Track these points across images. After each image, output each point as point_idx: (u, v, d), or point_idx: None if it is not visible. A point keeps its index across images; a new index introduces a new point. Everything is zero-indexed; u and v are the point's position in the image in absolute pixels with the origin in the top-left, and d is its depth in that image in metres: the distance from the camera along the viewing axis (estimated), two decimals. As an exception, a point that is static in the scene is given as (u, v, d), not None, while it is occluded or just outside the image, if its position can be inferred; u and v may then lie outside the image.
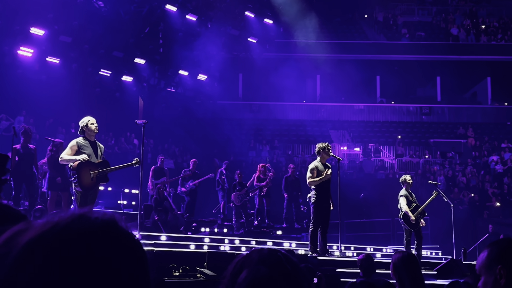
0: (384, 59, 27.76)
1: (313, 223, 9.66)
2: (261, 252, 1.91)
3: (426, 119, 27.63)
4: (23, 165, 11.14)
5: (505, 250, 2.07)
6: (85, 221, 0.82)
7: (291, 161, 21.43)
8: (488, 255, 2.09)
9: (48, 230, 0.79)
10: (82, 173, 7.93)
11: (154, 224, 12.73)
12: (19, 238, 0.80)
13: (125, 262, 0.82)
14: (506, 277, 2.01)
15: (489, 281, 2.07)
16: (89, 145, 8.17)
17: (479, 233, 16.60)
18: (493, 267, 2.05)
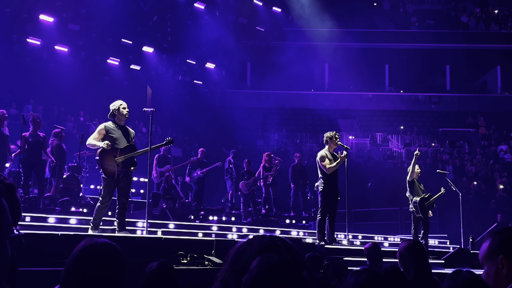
0: (393, 48, 27.57)
1: (321, 211, 9.67)
2: (262, 240, 1.91)
3: (435, 108, 27.47)
4: (32, 153, 11.20)
5: (507, 240, 2.06)
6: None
7: (299, 150, 21.41)
8: (490, 245, 2.09)
9: None
10: (107, 160, 7.69)
11: (162, 212, 12.79)
12: None
13: None
14: (508, 267, 2.01)
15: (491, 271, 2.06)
16: (118, 129, 7.89)
17: (488, 223, 16.54)
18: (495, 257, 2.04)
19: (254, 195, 14.85)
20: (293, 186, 15.63)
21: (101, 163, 7.68)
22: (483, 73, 29.78)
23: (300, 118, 26.03)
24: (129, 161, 7.84)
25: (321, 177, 9.72)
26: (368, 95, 27.69)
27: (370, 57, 26.02)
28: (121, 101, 7.99)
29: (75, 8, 18.17)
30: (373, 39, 27.41)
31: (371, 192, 20.04)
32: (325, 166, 9.61)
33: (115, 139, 7.79)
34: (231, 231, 11.42)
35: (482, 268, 2.17)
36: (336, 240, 9.83)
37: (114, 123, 7.95)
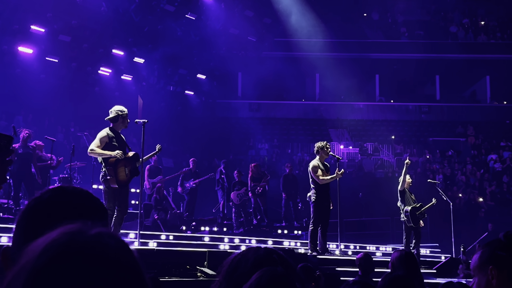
0: (383, 58, 27.75)
1: (313, 222, 9.68)
2: (257, 252, 1.93)
3: (425, 117, 27.64)
4: (22, 164, 11.16)
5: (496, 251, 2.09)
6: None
7: (290, 160, 21.44)
8: (480, 256, 2.12)
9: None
10: (119, 169, 7.50)
11: (154, 223, 12.75)
12: None
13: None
14: (497, 278, 2.03)
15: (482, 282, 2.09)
16: (117, 137, 7.69)
17: (478, 232, 16.62)
18: (485, 268, 2.07)
19: (245, 206, 14.84)
20: (284, 196, 15.63)
21: (115, 171, 7.49)
22: (473, 83, 30.03)
23: (291, 128, 26.11)
24: (134, 171, 7.77)
25: (313, 187, 9.74)
26: (359, 105, 27.82)
27: (360, 67, 26.16)
28: (125, 108, 7.85)
29: (66, 19, 18.16)
30: (364, 49, 27.59)
31: (363, 202, 20.07)
32: (318, 177, 9.63)
33: (118, 148, 7.63)
34: (223, 241, 11.40)
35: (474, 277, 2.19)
36: (328, 250, 9.84)
37: (113, 129, 7.76)
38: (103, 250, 0.77)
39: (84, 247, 0.76)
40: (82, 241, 0.77)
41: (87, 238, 0.77)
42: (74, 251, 0.75)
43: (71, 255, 0.75)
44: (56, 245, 0.76)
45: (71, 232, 0.78)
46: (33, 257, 0.75)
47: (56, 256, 0.75)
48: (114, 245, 0.79)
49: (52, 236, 0.78)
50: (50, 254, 0.75)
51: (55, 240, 0.77)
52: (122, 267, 0.77)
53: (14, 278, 0.76)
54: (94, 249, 0.76)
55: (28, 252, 0.78)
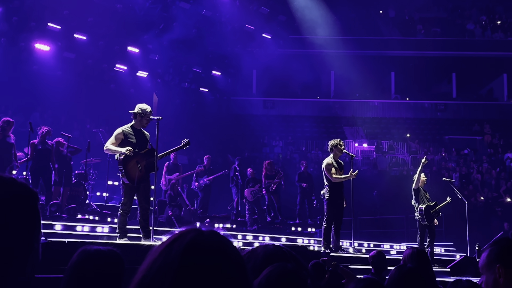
0: (399, 55, 27.58)
1: (327, 219, 9.67)
2: (267, 249, 1.96)
3: (441, 115, 27.42)
4: (40, 160, 11.29)
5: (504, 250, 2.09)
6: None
7: (304, 157, 21.42)
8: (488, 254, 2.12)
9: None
10: (129, 165, 7.56)
11: (168, 219, 12.82)
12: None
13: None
14: (505, 276, 2.04)
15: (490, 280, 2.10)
16: (135, 134, 7.73)
17: (494, 231, 16.47)
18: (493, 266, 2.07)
19: (259, 203, 14.87)
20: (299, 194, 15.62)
21: (124, 168, 7.57)
22: (490, 81, 29.73)
23: (306, 126, 26.05)
24: (150, 166, 7.78)
25: (327, 185, 9.73)
26: (374, 102, 27.68)
27: (376, 64, 26.03)
28: (150, 109, 7.89)
29: (82, 16, 18.31)
30: (379, 46, 27.44)
31: (377, 199, 19.99)
32: (332, 176, 9.61)
33: (134, 144, 7.67)
34: (237, 238, 11.43)
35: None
36: (341, 248, 9.82)
37: (131, 127, 7.82)
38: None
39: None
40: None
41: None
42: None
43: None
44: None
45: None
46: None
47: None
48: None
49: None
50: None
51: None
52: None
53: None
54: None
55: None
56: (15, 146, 10.93)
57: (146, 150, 7.80)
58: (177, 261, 1.05)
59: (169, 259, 1.06)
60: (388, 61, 27.43)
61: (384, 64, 27.12)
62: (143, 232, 7.76)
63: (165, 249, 1.09)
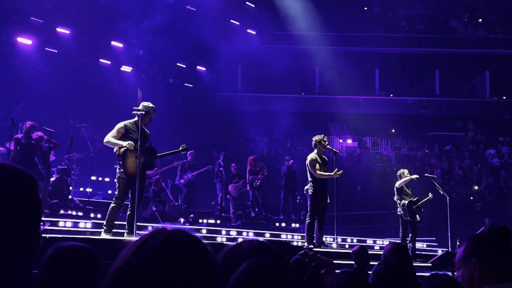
0: (383, 52, 27.73)
1: (310, 215, 9.71)
2: (252, 244, 1.97)
3: (424, 112, 27.64)
4: (24, 155, 11.17)
5: (480, 245, 2.13)
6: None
7: (289, 153, 21.47)
8: (465, 249, 2.16)
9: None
10: (128, 160, 7.57)
11: (152, 215, 12.79)
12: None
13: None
14: (480, 271, 2.07)
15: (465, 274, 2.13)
16: (136, 130, 7.74)
17: (476, 226, 16.67)
18: (469, 260, 2.11)
19: (243, 198, 14.89)
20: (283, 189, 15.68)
21: (123, 162, 7.58)
22: (472, 78, 30.02)
23: (290, 121, 26.10)
24: (148, 164, 7.83)
25: (310, 180, 9.77)
26: (358, 99, 27.82)
27: (360, 61, 26.14)
28: (154, 108, 7.94)
29: (65, 10, 18.13)
30: (363, 43, 27.57)
31: (361, 195, 20.12)
32: (316, 172, 9.65)
33: (135, 140, 7.69)
34: (221, 234, 11.44)
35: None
36: (324, 243, 9.88)
37: (135, 123, 7.86)
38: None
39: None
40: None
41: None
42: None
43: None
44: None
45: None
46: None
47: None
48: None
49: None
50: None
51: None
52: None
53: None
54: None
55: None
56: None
57: (146, 147, 7.85)
58: (152, 260, 1.07)
59: (144, 258, 1.07)
60: (372, 58, 27.57)
61: (368, 60, 27.25)
62: (129, 227, 7.74)
63: (139, 248, 1.11)
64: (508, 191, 20.78)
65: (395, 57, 27.85)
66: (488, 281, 2.06)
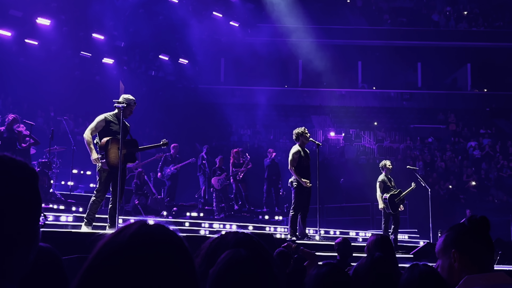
0: (366, 45, 27.83)
1: (294, 207, 9.71)
2: (237, 235, 1.95)
3: (406, 104, 27.82)
4: (6, 148, 11.03)
5: (459, 235, 2.13)
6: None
7: (272, 146, 21.46)
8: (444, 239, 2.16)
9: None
10: (110, 151, 7.53)
11: (134, 208, 12.72)
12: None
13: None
14: (459, 261, 2.08)
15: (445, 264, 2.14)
16: (117, 122, 7.70)
17: (457, 218, 16.85)
18: (448, 251, 2.11)
19: (226, 191, 14.86)
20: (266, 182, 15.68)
21: (106, 153, 7.52)
22: (454, 71, 30.27)
23: (274, 114, 26.12)
24: (129, 156, 7.78)
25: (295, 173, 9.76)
26: (341, 91, 27.90)
27: (343, 53, 26.20)
28: (135, 100, 7.85)
29: (45, 2, 17.89)
30: (346, 36, 27.63)
31: (344, 187, 20.21)
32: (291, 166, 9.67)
33: (115, 132, 7.66)
34: (204, 227, 11.41)
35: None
36: (307, 236, 9.90)
37: (115, 115, 7.79)
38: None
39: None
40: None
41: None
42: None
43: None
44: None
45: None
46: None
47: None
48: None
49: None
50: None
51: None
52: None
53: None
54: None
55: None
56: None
57: (128, 140, 7.79)
58: (121, 251, 1.06)
59: (114, 249, 1.07)
60: (355, 50, 27.65)
61: (351, 53, 27.32)
62: (111, 221, 7.69)
63: (111, 239, 1.10)
64: (489, 183, 21.02)
65: (378, 49, 27.96)
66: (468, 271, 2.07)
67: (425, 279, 2.24)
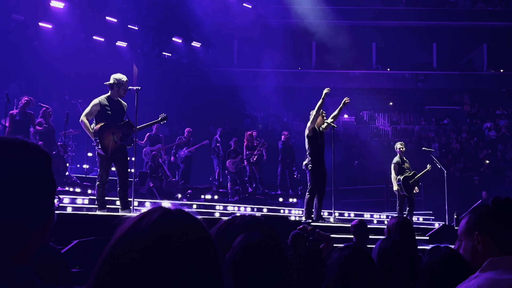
0: (380, 26, 27.50)
1: (310, 190, 9.65)
2: (245, 219, 1.95)
3: (421, 86, 27.54)
4: (18, 131, 11.09)
5: (483, 217, 2.10)
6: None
7: (286, 128, 21.42)
8: (467, 221, 2.13)
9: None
10: (105, 136, 7.53)
11: (149, 191, 12.78)
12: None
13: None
14: (483, 243, 2.05)
15: (468, 246, 2.10)
16: (112, 104, 7.68)
17: (473, 200, 16.74)
18: (472, 233, 2.08)
19: (241, 174, 14.88)
20: (280, 164, 15.67)
21: (100, 138, 7.54)
22: (470, 51, 29.86)
23: (287, 97, 25.99)
24: (125, 138, 7.76)
25: (308, 154, 9.71)
26: (355, 73, 27.67)
27: (357, 35, 25.91)
28: (126, 78, 7.80)
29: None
30: (361, 16, 27.31)
31: (358, 170, 20.14)
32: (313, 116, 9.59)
33: (110, 116, 7.64)
34: (218, 209, 11.45)
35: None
36: (323, 218, 9.88)
37: (108, 98, 7.75)
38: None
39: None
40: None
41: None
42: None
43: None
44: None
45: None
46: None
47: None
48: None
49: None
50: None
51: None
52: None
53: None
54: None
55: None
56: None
57: (123, 122, 7.76)
58: (144, 238, 1.06)
59: (137, 236, 1.07)
60: (370, 31, 27.34)
61: (365, 34, 27.03)
62: (121, 203, 7.74)
63: (133, 226, 1.10)
64: (505, 164, 20.83)
65: (393, 30, 27.63)
66: (491, 253, 2.04)
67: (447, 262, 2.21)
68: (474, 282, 1.89)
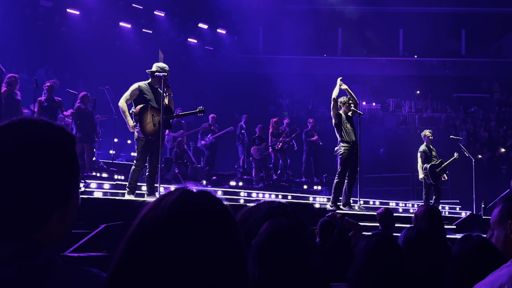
0: (408, 12, 27.09)
1: (339, 174, 9.57)
2: (271, 205, 1.95)
3: (449, 73, 27.12)
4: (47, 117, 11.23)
5: None
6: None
7: (311, 116, 21.34)
8: (500, 211, 2.10)
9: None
10: (144, 119, 7.58)
11: (174, 177, 12.88)
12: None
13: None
14: None
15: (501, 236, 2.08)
16: (151, 91, 7.78)
17: (500, 189, 16.50)
18: (504, 222, 2.05)
19: (266, 161, 14.89)
20: (305, 152, 15.63)
21: (140, 120, 7.57)
22: (499, 38, 29.27)
23: (312, 83, 25.84)
24: (165, 123, 7.81)
25: (340, 141, 9.66)
26: (382, 60, 27.37)
27: (384, 21, 25.60)
28: (168, 68, 7.88)
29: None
30: (388, 3, 26.91)
31: (383, 158, 20.00)
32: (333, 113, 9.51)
33: (149, 100, 7.72)
34: (242, 195, 11.49)
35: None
36: (350, 205, 9.81)
37: (149, 84, 7.86)
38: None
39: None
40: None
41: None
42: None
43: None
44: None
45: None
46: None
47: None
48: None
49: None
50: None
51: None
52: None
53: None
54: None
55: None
56: (21, 102, 10.90)
57: (164, 107, 7.79)
58: (163, 216, 1.05)
59: (157, 214, 1.06)
60: (397, 18, 26.97)
61: (392, 21, 26.67)
62: (148, 189, 7.80)
63: (155, 205, 1.09)
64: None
65: (420, 17, 27.20)
66: None
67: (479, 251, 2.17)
68: (506, 271, 1.86)
